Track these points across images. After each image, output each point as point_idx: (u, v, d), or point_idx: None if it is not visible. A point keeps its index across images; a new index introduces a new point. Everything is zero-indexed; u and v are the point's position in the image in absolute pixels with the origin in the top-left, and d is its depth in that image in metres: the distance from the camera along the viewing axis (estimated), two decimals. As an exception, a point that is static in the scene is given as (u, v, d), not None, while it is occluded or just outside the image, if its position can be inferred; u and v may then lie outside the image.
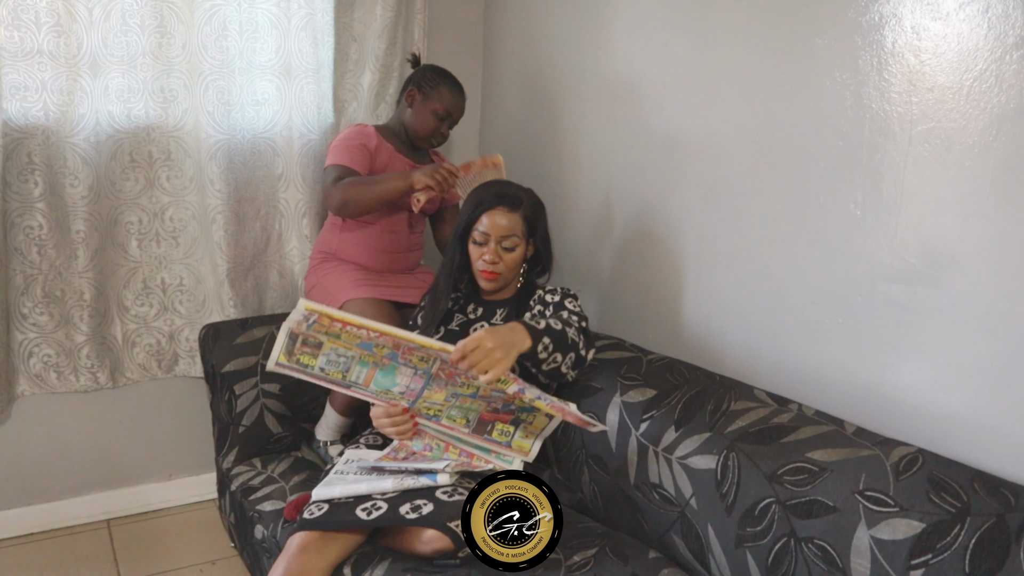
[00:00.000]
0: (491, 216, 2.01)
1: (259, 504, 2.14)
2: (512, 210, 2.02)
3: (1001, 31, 1.47)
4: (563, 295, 2.07)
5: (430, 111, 2.47)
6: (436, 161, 2.63)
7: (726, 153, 2.05)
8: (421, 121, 2.48)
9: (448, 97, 2.49)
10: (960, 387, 1.60)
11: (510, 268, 2.05)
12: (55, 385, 2.53)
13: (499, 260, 2.03)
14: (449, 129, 2.53)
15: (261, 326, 2.49)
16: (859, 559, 1.46)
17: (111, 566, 2.47)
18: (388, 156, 2.45)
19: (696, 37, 2.12)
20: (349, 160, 2.37)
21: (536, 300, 2.09)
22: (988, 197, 1.52)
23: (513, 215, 2.02)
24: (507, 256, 2.03)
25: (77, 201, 2.41)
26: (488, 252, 2.02)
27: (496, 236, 2.01)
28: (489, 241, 2.02)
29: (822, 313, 1.85)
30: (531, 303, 2.08)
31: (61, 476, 2.64)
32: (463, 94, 2.54)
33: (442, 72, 2.52)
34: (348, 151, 2.38)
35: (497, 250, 2.02)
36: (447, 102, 2.48)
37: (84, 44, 2.33)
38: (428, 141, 2.51)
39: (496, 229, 2.01)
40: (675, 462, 1.82)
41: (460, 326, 2.10)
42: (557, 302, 2.04)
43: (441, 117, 2.48)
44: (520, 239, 2.04)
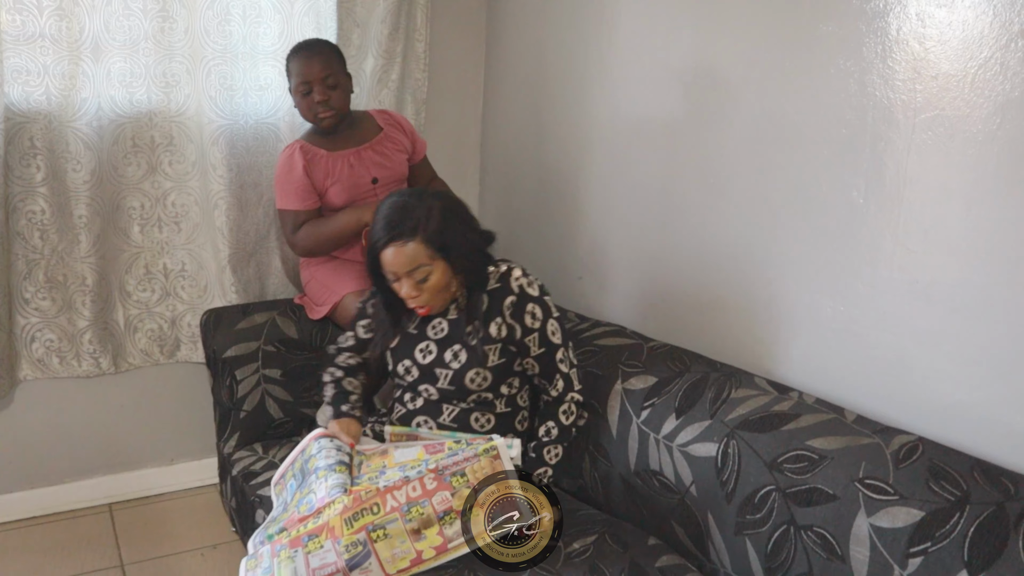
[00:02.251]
0: (387, 257, 1.80)
1: (260, 489, 2.15)
2: (406, 243, 1.77)
3: (1006, 18, 1.47)
4: (544, 315, 1.91)
5: (296, 95, 2.32)
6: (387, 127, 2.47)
7: (730, 141, 2.05)
8: (300, 109, 2.33)
9: (295, 68, 2.29)
10: (961, 375, 1.59)
11: (436, 292, 1.84)
12: (57, 370, 2.53)
13: (418, 293, 1.82)
14: (329, 89, 2.28)
15: (262, 312, 2.49)
16: (858, 547, 1.46)
17: (113, 550, 2.48)
18: (325, 164, 2.35)
19: (700, 25, 2.11)
20: (295, 202, 2.33)
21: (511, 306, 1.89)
22: (991, 185, 1.51)
23: (409, 246, 1.77)
24: (426, 285, 1.82)
25: (79, 186, 2.41)
26: (403, 288, 1.83)
27: (402, 274, 1.81)
28: (399, 279, 1.83)
29: (824, 300, 1.85)
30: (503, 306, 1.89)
31: (63, 460, 2.65)
32: (311, 52, 2.30)
33: (292, 48, 2.35)
34: (287, 192, 2.34)
35: (411, 284, 1.81)
36: (296, 73, 2.29)
37: (86, 28, 2.32)
38: (319, 120, 2.30)
39: (398, 267, 1.80)
40: (676, 449, 1.82)
41: (417, 328, 1.98)
42: (540, 328, 1.90)
43: (305, 92, 2.28)
44: (430, 263, 1.80)
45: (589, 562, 1.72)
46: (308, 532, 1.61)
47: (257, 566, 1.64)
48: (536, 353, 1.93)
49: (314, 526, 1.62)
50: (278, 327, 2.46)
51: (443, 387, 1.94)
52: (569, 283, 2.66)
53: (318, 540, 1.59)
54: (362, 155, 2.39)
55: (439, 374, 1.93)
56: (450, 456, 1.72)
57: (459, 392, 1.94)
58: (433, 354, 1.94)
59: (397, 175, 2.47)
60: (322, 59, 2.29)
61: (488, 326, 1.90)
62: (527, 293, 1.91)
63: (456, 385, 1.92)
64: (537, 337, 1.91)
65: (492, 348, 1.91)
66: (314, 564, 1.56)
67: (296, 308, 2.52)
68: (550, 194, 2.73)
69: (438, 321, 1.96)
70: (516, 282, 1.90)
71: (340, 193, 2.36)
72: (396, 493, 1.63)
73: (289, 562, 1.58)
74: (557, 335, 1.94)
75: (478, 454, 1.69)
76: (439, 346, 1.94)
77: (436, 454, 1.75)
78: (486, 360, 1.91)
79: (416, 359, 1.95)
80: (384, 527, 1.59)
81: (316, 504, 1.66)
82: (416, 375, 1.96)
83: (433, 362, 1.93)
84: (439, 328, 1.95)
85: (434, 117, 2.97)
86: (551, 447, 1.95)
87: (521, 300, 1.90)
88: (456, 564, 1.65)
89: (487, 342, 1.90)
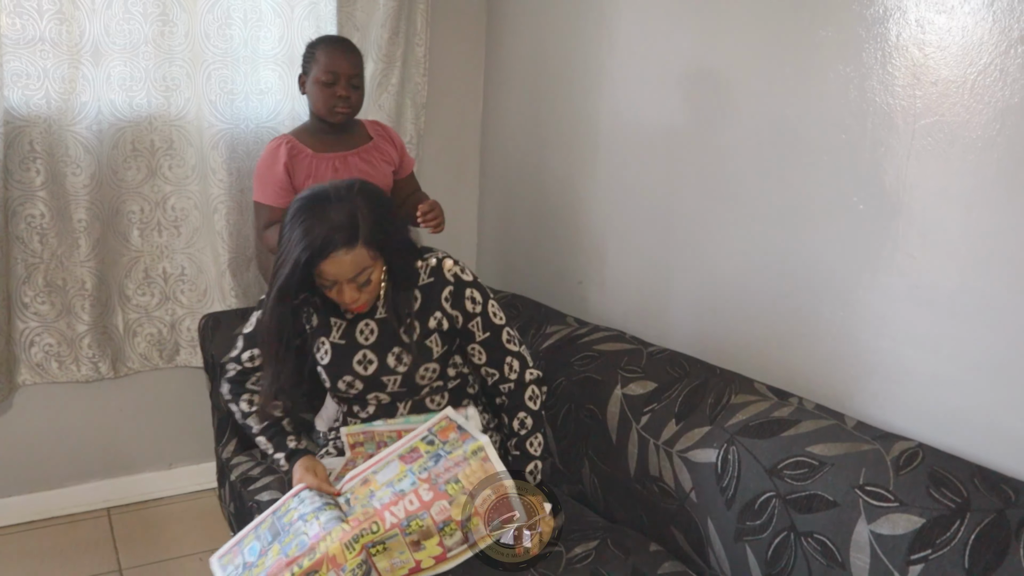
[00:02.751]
0: (329, 265, 1.63)
1: (258, 494, 2.14)
2: (350, 247, 1.62)
3: (1006, 25, 1.47)
4: (483, 298, 1.83)
5: (317, 83, 2.28)
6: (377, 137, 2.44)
7: (729, 145, 2.05)
8: (316, 98, 2.28)
9: (324, 58, 2.26)
10: (961, 382, 1.59)
11: (375, 291, 1.73)
12: (56, 375, 2.53)
13: (359, 295, 1.69)
14: (352, 88, 2.27)
15: (262, 316, 2.49)
16: (859, 554, 1.46)
17: (111, 554, 2.48)
18: (308, 164, 2.28)
19: (700, 30, 2.11)
20: (271, 197, 2.29)
21: (449, 296, 1.80)
22: (991, 191, 1.51)
23: (353, 251, 1.63)
24: (367, 287, 1.69)
25: (79, 190, 2.41)
26: (344, 294, 1.68)
27: (346, 279, 1.66)
28: (339, 286, 1.67)
29: (823, 306, 1.85)
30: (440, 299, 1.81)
31: (62, 464, 2.64)
32: (344, 48, 2.30)
33: (315, 40, 2.35)
34: (264, 186, 2.30)
35: (353, 287, 1.67)
36: (324, 63, 2.25)
37: (86, 32, 2.32)
38: (334, 113, 2.27)
39: (343, 274, 1.65)
40: (675, 455, 1.82)
41: (344, 336, 1.83)
42: (482, 312, 1.82)
43: (329, 83, 2.25)
44: (372, 263, 1.68)
45: (591, 567, 1.72)
46: (305, 571, 1.54)
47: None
48: (481, 338, 1.84)
49: (311, 562, 1.54)
50: (277, 331, 2.45)
51: (394, 390, 1.84)
52: (569, 287, 2.66)
53: (319, 574, 1.53)
54: (348, 160, 2.37)
55: (387, 381, 1.82)
56: (433, 459, 1.68)
57: (411, 391, 1.85)
58: (374, 363, 1.81)
59: (381, 185, 2.43)
60: (354, 58, 2.31)
61: (427, 321, 1.80)
62: (462, 279, 1.81)
63: (408, 386, 1.83)
64: (480, 321, 1.83)
65: (432, 339, 1.81)
66: None
67: (295, 312, 2.51)
68: (550, 198, 2.73)
69: (364, 324, 1.82)
70: (450, 272, 1.81)
71: None
72: (394, 509, 1.61)
73: None
74: (499, 315, 1.86)
75: (467, 456, 1.66)
76: (376, 352, 1.81)
77: (416, 461, 1.70)
78: (431, 353, 1.81)
79: (357, 372, 1.81)
80: (384, 542, 1.58)
81: (310, 541, 1.59)
82: (360, 387, 1.84)
83: (377, 371, 1.81)
84: (368, 332, 1.82)
85: (434, 121, 2.97)
86: (531, 438, 1.86)
87: (458, 288, 1.81)
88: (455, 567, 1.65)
89: (427, 335, 1.81)
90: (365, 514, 1.62)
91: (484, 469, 1.64)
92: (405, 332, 1.78)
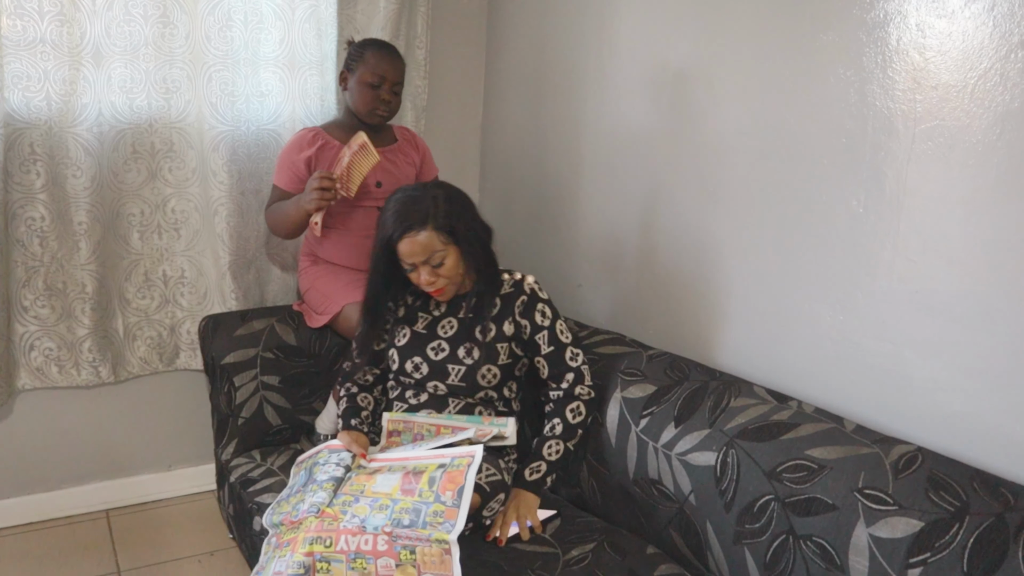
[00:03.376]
0: (404, 245, 1.90)
1: (258, 496, 2.14)
2: (420, 229, 1.88)
3: (1006, 29, 1.47)
4: (553, 315, 2.03)
5: (362, 83, 2.35)
6: (402, 140, 2.53)
7: (729, 149, 2.05)
8: (358, 98, 2.37)
9: (373, 60, 2.34)
10: (961, 386, 1.59)
11: (451, 277, 1.95)
12: (56, 379, 2.52)
13: (436, 278, 1.93)
14: (393, 94, 2.37)
15: (261, 318, 2.49)
16: (857, 557, 1.46)
17: (110, 556, 2.47)
18: (335, 154, 2.35)
19: (701, 32, 2.11)
20: (284, 180, 2.39)
21: (522, 306, 2.02)
22: (991, 196, 1.52)
23: (424, 232, 1.88)
24: (442, 270, 1.92)
25: (79, 192, 2.40)
26: (421, 275, 1.93)
27: (419, 261, 1.91)
28: (416, 268, 1.93)
29: (823, 310, 1.85)
30: (514, 306, 2.02)
31: (60, 466, 2.64)
32: (392, 54, 2.38)
33: (365, 41, 2.42)
34: (281, 169, 2.40)
35: (428, 270, 1.92)
36: (372, 65, 2.33)
37: (87, 33, 2.32)
38: (374, 115, 2.37)
39: (414, 256, 1.90)
40: (674, 458, 1.82)
41: (427, 328, 2.06)
42: (550, 327, 2.01)
43: (374, 84, 2.33)
44: (444, 248, 1.90)
45: (587, 570, 1.72)
46: (287, 540, 1.71)
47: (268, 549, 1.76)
48: (546, 352, 2.02)
49: (289, 536, 1.72)
50: (277, 334, 2.46)
51: (453, 383, 2.00)
52: (569, 291, 2.66)
53: (287, 549, 1.68)
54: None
55: (451, 370, 2.00)
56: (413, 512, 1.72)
57: (469, 388, 2.00)
58: (445, 351, 2.01)
59: (401, 184, 2.47)
60: (401, 65, 2.40)
61: (501, 325, 2.00)
62: (538, 295, 2.04)
63: (467, 381, 1.99)
64: (547, 335, 2.02)
65: (502, 346, 2.00)
66: (276, 568, 1.65)
67: (295, 315, 2.52)
68: (550, 201, 2.73)
69: (448, 321, 2.04)
70: (528, 286, 2.04)
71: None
72: (350, 538, 1.67)
73: (271, 560, 1.69)
74: (566, 334, 2.04)
75: (431, 540, 1.67)
76: (450, 343, 2.01)
77: (406, 497, 1.75)
78: (497, 357, 2.00)
79: (428, 356, 2.01)
80: (329, 563, 1.63)
81: (299, 516, 1.76)
82: (426, 372, 2.02)
83: (445, 359, 2.00)
84: (448, 327, 2.03)
85: (434, 124, 2.97)
86: (552, 442, 1.96)
87: (532, 300, 2.02)
88: None
89: (499, 340, 2.00)
90: (330, 521, 1.70)
91: (442, 563, 1.65)
92: (480, 332, 1.98)
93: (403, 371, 2.05)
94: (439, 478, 1.77)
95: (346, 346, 2.49)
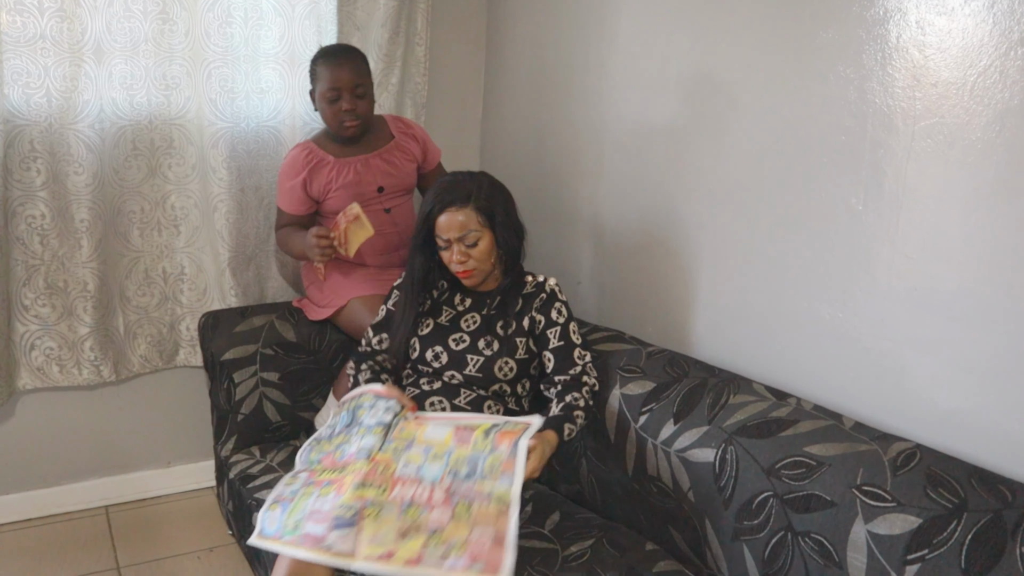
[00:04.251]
0: (443, 219, 1.97)
1: (257, 492, 2.14)
2: (462, 206, 1.96)
3: (1006, 27, 1.47)
4: (568, 316, 2.06)
5: (322, 100, 2.32)
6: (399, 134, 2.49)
7: (729, 146, 2.05)
8: (325, 116, 2.34)
9: (325, 73, 2.28)
10: (960, 383, 1.60)
11: (481, 260, 2.01)
12: (57, 379, 2.51)
13: (467, 258, 1.99)
14: (357, 98, 2.30)
15: (261, 314, 2.49)
16: (856, 553, 1.46)
17: (109, 552, 2.47)
18: (330, 171, 2.35)
19: (700, 31, 2.11)
20: (286, 204, 2.40)
21: (540, 302, 2.05)
22: (990, 193, 1.52)
23: (464, 210, 1.96)
24: (474, 251, 1.98)
25: (81, 189, 2.40)
26: (454, 253, 1.99)
27: (454, 237, 1.97)
28: (450, 245, 1.99)
29: (822, 307, 1.85)
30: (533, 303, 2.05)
31: (60, 462, 2.64)
32: (342, 59, 2.30)
33: (316, 55, 2.37)
34: (282, 192, 2.41)
35: (461, 249, 1.98)
36: (325, 79, 2.28)
37: (87, 30, 2.32)
38: (343, 128, 2.32)
39: (451, 230, 1.96)
40: (673, 455, 1.82)
41: (450, 321, 2.08)
42: (563, 324, 2.04)
43: (332, 99, 2.29)
44: (480, 230, 1.98)
45: (586, 566, 1.72)
46: (328, 479, 1.73)
47: (294, 482, 1.77)
48: (555, 346, 2.03)
49: (333, 476, 1.73)
50: (276, 330, 2.46)
51: (470, 373, 2.02)
52: (568, 288, 2.65)
53: (330, 488, 1.68)
54: (370, 163, 2.40)
55: (469, 360, 2.02)
56: (470, 464, 1.70)
57: (485, 380, 2.02)
58: (466, 343, 2.04)
59: (404, 184, 2.49)
60: (353, 67, 2.31)
61: (521, 320, 2.04)
62: (557, 295, 2.08)
63: (484, 372, 2.01)
64: (559, 331, 2.04)
65: (521, 340, 2.04)
66: (315, 507, 1.65)
67: (295, 311, 2.52)
68: (549, 199, 2.73)
69: (471, 316, 2.08)
70: (549, 287, 2.08)
71: (344, 198, 2.35)
72: (405, 487, 1.67)
73: (306, 497, 1.69)
74: (577, 336, 2.06)
75: (491, 495, 1.65)
76: (471, 335, 2.04)
77: (460, 447, 1.76)
78: (515, 351, 2.03)
79: (448, 346, 2.04)
80: (380, 509, 1.62)
81: (344, 459, 1.78)
82: (445, 361, 2.04)
83: (465, 349, 2.03)
84: (471, 321, 2.07)
85: (434, 121, 2.97)
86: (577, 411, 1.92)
87: (551, 298, 2.06)
88: None
89: (518, 334, 2.04)
90: (385, 467, 1.71)
91: (497, 522, 1.61)
92: (502, 327, 2.03)
93: (422, 359, 2.06)
94: (493, 433, 1.77)
95: (347, 342, 2.50)
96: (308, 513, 1.64)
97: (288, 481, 1.78)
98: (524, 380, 2.08)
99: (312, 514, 1.63)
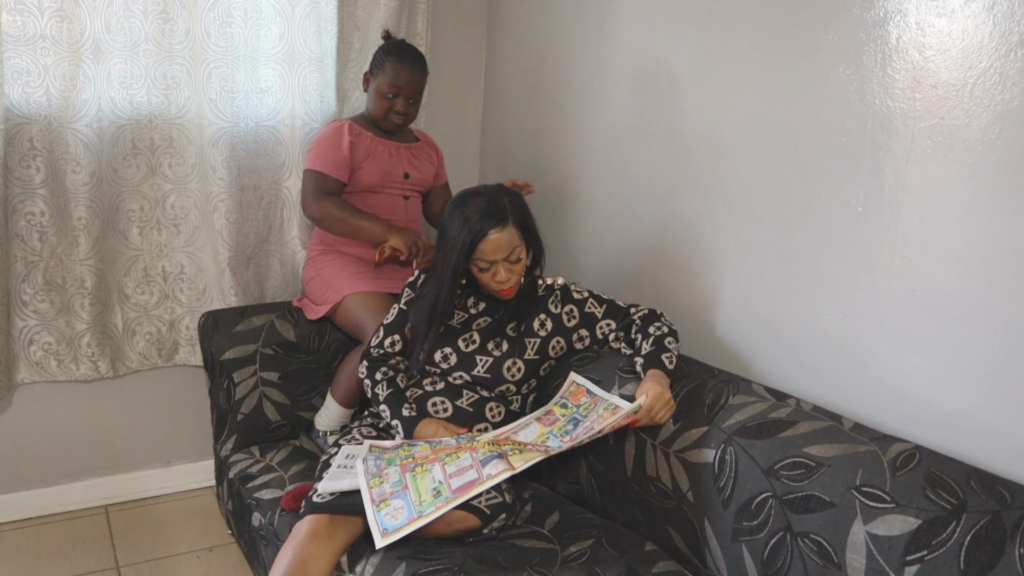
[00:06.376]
0: (490, 242, 1.92)
1: (257, 492, 2.15)
2: (504, 226, 1.92)
3: (1006, 28, 1.47)
4: (589, 292, 2.12)
5: (378, 92, 2.41)
6: (424, 141, 2.63)
7: (729, 147, 2.05)
8: (374, 103, 2.44)
9: (391, 71, 2.39)
10: (959, 384, 1.60)
11: (520, 273, 2.01)
12: (55, 373, 2.53)
13: (511, 275, 1.97)
14: (410, 104, 2.44)
15: (260, 314, 2.49)
16: (855, 554, 1.46)
17: (108, 552, 2.47)
18: (368, 144, 2.44)
19: (701, 30, 2.11)
20: (327, 166, 2.39)
21: (556, 299, 2.10)
22: (990, 195, 1.52)
23: (507, 229, 1.93)
24: (516, 266, 1.98)
25: (79, 188, 2.40)
26: (499, 274, 1.95)
27: (500, 258, 1.94)
28: (494, 264, 1.95)
29: (822, 308, 1.85)
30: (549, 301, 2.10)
31: (60, 461, 2.64)
32: (414, 65, 2.41)
33: (392, 46, 2.45)
34: (323, 155, 2.40)
35: (507, 267, 1.96)
36: (390, 77, 2.38)
37: (87, 29, 2.32)
38: (385, 121, 2.45)
39: (499, 251, 1.93)
40: (673, 455, 1.82)
41: (462, 324, 2.08)
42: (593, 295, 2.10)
43: (388, 96, 2.40)
44: (520, 244, 1.97)
45: (586, 566, 1.72)
46: (446, 451, 1.80)
47: (384, 482, 1.74)
48: (602, 311, 2.10)
49: (452, 448, 1.81)
50: (276, 330, 2.46)
51: (478, 374, 2.04)
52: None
53: (455, 455, 1.76)
54: (401, 150, 2.51)
55: (478, 360, 2.04)
56: (571, 422, 1.87)
57: (492, 381, 2.03)
58: (476, 344, 2.05)
59: (424, 180, 2.58)
60: (419, 76, 2.44)
61: (532, 322, 2.07)
62: (568, 287, 2.13)
63: (492, 373, 2.03)
64: (594, 300, 2.11)
65: (531, 342, 2.06)
66: (450, 470, 1.71)
67: (294, 311, 2.52)
68: (549, 199, 2.73)
69: (484, 319, 2.09)
70: (558, 285, 2.13)
71: (373, 174, 2.43)
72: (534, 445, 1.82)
73: (426, 472, 1.73)
74: (606, 295, 2.13)
75: (600, 413, 1.82)
76: (482, 337, 2.06)
77: (555, 424, 1.89)
78: (524, 351, 2.05)
79: (458, 346, 2.05)
80: (522, 450, 1.76)
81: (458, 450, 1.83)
82: (453, 362, 2.05)
83: (475, 350, 2.04)
84: (483, 324, 2.08)
85: (434, 121, 2.97)
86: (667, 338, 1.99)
87: (564, 290, 2.12)
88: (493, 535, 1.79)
89: (528, 335, 2.06)
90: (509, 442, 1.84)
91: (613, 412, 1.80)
92: (513, 329, 2.05)
93: (430, 360, 2.06)
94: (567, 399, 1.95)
95: (346, 342, 2.50)
96: (446, 476, 1.70)
97: (374, 483, 1.73)
98: (531, 381, 2.10)
99: (453, 475, 1.69)
